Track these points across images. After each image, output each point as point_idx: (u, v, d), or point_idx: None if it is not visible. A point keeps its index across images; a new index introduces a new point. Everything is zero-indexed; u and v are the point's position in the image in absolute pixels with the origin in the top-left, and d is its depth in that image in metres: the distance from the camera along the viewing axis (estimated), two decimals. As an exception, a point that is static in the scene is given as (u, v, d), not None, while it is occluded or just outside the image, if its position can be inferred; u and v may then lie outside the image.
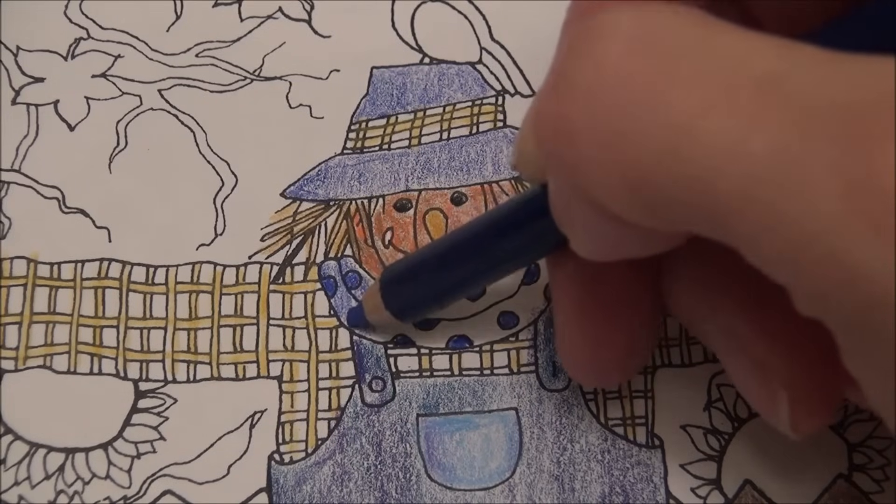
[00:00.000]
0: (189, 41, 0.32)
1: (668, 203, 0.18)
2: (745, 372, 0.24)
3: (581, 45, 0.19)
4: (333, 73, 0.32)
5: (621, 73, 0.18)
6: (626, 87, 0.18)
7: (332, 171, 0.31)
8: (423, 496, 0.27)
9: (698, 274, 0.24)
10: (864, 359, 0.17)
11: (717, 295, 0.24)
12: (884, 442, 0.27)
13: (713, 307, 0.24)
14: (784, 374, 0.23)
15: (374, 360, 0.29)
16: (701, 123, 0.17)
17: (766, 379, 0.23)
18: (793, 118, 0.16)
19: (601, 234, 0.21)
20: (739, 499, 0.27)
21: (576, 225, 0.22)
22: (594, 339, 0.25)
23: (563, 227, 0.22)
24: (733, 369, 0.24)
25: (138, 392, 0.28)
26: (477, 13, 0.32)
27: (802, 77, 0.17)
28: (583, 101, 0.19)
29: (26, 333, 0.29)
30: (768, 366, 0.23)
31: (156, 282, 0.29)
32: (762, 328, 0.23)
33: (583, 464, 0.27)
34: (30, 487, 0.27)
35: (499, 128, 0.31)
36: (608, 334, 0.25)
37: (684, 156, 0.17)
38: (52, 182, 0.30)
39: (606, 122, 0.18)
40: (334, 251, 0.30)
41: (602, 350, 0.25)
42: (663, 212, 0.18)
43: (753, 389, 0.24)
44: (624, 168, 0.18)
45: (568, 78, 0.19)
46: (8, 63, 0.32)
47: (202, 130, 0.31)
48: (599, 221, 0.20)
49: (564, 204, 0.21)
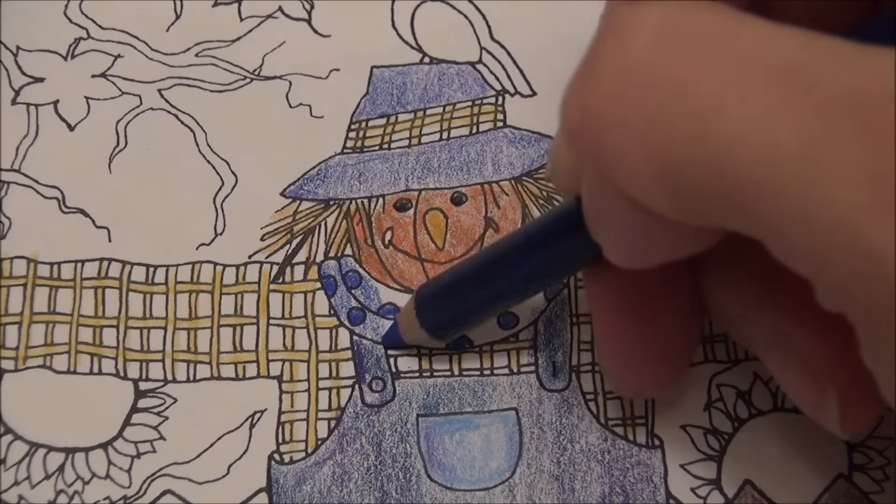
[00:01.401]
0: (189, 41, 0.32)
1: (695, 192, 0.18)
2: (791, 372, 0.24)
3: (608, 37, 0.19)
4: (333, 72, 0.32)
5: (649, 62, 0.18)
6: (653, 76, 0.18)
7: (332, 171, 0.31)
8: (423, 496, 0.27)
9: (740, 275, 0.24)
10: (882, 350, 0.17)
11: (761, 295, 0.24)
12: (884, 442, 0.27)
13: (757, 307, 0.24)
14: (833, 374, 0.23)
15: (374, 360, 0.29)
16: (726, 111, 0.17)
17: (814, 379, 0.23)
18: (818, 107, 0.16)
19: (633, 234, 0.21)
20: (739, 499, 0.27)
21: (609, 228, 0.22)
22: (633, 351, 0.25)
23: (596, 234, 0.22)
24: (778, 369, 0.24)
25: (138, 392, 0.28)
26: (477, 13, 0.32)
27: (828, 67, 0.17)
28: (611, 90, 0.19)
29: (26, 333, 0.29)
30: (817, 366, 0.23)
31: (156, 281, 0.29)
32: (809, 327, 0.23)
33: (583, 464, 0.27)
34: (30, 487, 0.27)
35: (499, 128, 0.31)
36: (647, 345, 0.25)
37: (710, 143, 0.17)
38: (52, 182, 0.30)
39: (634, 110, 0.18)
40: (334, 251, 0.30)
41: (642, 361, 0.25)
42: (691, 202, 0.18)
43: (801, 389, 0.24)
44: (652, 156, 0.18)
45: (595, 69, 0.19)
46: (8, 63, 0.32)
47: (202, 130, 0.31)
48: (631, 218, 0.20)
49: (597, 206, 0.21)
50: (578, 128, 0.20)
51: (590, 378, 0.28)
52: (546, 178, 0.25)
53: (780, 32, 0.18)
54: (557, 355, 0.29)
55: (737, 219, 0.18)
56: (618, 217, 0.21)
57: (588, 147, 0.20)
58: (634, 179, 0.19)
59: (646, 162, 0.18)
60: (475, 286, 0.26)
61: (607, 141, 0.19)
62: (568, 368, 0.28)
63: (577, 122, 0.20)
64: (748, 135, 0.17)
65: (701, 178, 0.18)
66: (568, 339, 0.29)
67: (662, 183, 0.18)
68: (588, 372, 0.28)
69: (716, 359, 0.28)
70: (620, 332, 0.25)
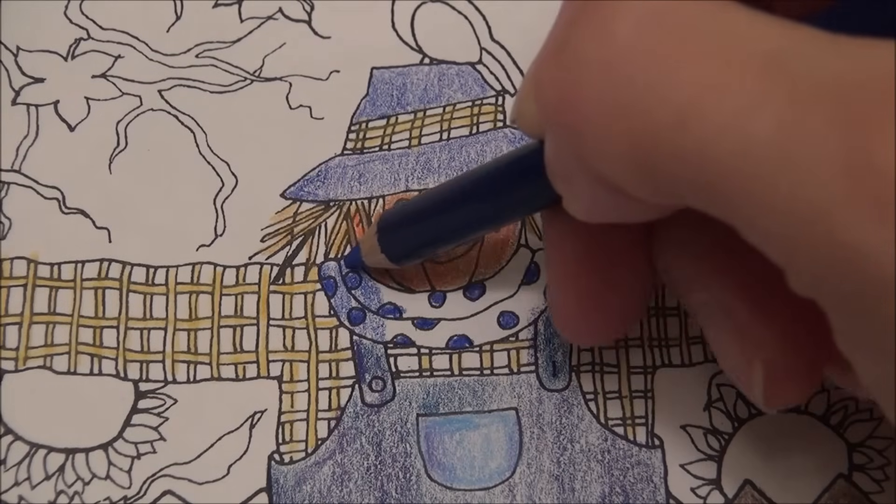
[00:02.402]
0: (189, 41, 0.32)
1: (668, 177, 0.18)
2: (726, 340, 0.24)
3: (591, 18, 0.19)
4: (333, 73, 0.32)
5: (631, 47, 0.18)
6: (635, 61, 0.18)
7: (333, 172, 0.31)
8: (423, 496, 0.27)
9: (690, 242, 0.24)
10: (860, 340, 0.18)
11: (708, 263, 0.24)
12: (884, 442, 0.28)
13: (702, 274, 0.24)
14: (763, 346, 0.23)
15: (374, 360, 0.29)
16: (707, 99, 0.17)
17: (745, 348, 0.23)
18: (795, 97, 0.17)
19: (597, 199, 0.21)
20: (739, 499, 0.27)
21: (572, 187, 0.22)
22: (586, 297, 0.25)
23: (558, 187, 0.22)
24: (714, 335, 0.24)
25: (138, 392, 0.28)
26: (477, 13, 0.32)
27: (806, 57, 0.17)
28: (591, 73, 0.19)
29: (26, 334, 0.29)
30: (749, 335, 0.23)
31: (156, 282, 0.29)
32: (749, 299, 0.23)
33: (583, 464, 0.27)
34: (30, 488, 0.27)
35: (499, 128, 0.31)
36: (600, 292, 0.25)
37: (690, 131, 0.17)
38: (52, 182, 0.30)
39: (614, 95, 0.18)
40: (334, 252, 0.30)
41: (593, 308, 0.25)
42: (664, 185, 0.18)
43: (732, 358, 0.24)
44: (629, 141, 0.18)
45: (576, 49, 0.19)
46: (8, 63, 0.32)
47: (202, 131, 0.31)
48: (597, 189, 0.20)
49: (562, 166, 0.21)
50: (554, 106, 0.20)
51: (590, 378, 0.28)
52: (510, 120, 0.25)
53: (763, 21, 0.18)
54: (557, 355, 0.29)
55: (709, 203, 0.18)
56: (581, 181, 0.21)
57: (562, 121, 0.20)
58: (607, 161, 0.19)
59: (620, 146, 0.19)
60: (435, 218, 0.27)
61: (583, 120, 0.19)
62: (568, 368, 0.28)
63: (553, 101, 0.20)
64: (727, 123, 0.17)
65: (677, 164, 0.18)
66: (568, 339, 0.29)
67: (636, 166, 0.19)
68: (588, 372, 0.28)
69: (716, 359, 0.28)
70: (572, 277, 0.25)
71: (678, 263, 0.25)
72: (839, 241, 0.16)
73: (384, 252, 0.28)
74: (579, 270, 0.25)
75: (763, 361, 0.23)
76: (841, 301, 0.17)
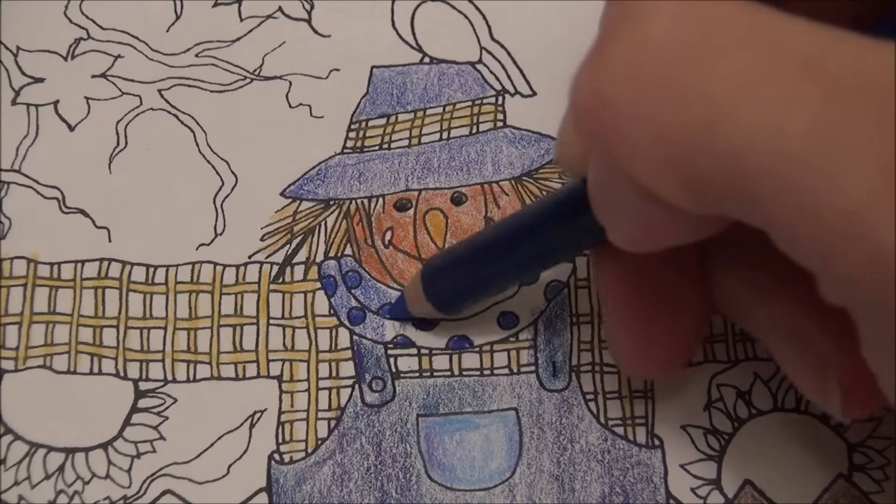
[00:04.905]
0: (189, 41, 0.32)
1: (703, 179, 0.18)
2: (796, 361, 0.24)
3: (623, 21, 0.19)
4: (333, 72, 0.32)
5: (664, 46, 0.18)
6: (668, 60, 0.18)
7: (332, 171, 0.31)
8: (423, 496, 0.27)
9: (748, 264, 0.24)
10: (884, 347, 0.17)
11: (769, 285, 0.24)
12: (884, 442, 0.28)
13: (764, 297, 0.24)
14: (836, 365, 0.23)
15: (374, 360, 0.29)
16: (740, 99, 0.17)
17: (818, 369, 0.23)
18: (831, 95, 0.16)
19: (638, 218, 0.21)
20: (739, 499, 0.27)
21: (614, 211, 0.21)
22: (643, 332, 0.25)
23: (602, 216, 0.22)
24: (783, 357, 0.24)
25: (138, 392, 0.28)
26: (477, 13, 0.32)
27: (842, 56, 0.17)
28: (622, 73, 0.19)
29: (26, 333, 0.29)
30: (821, 357, 0.23)
31: (156, 282, 0.29)
32: (814, 319, 0.23)
33: (583, 464, 0.27)
34: (30, 487, 0.27)
35: (499, 128, 0.31)
36: (655, 329, 0.25)
37: (722, 130, 0.17)
38: (52, 182, 0.30)
39: (647, 95, 0.18)
40: (334, 251, 0.30)
41: (651, 341, 0.25)
42: (698, 189, 0.18)
43: (805, 378, 0.24)
44: (663, 141, 0.18)
45: (608, 53, 0.19)
46: (8, 63, 0.32)
47: (202, 130, 0.31)
48: (637, 204, 0.20)
49: (602, 190, 0.21)
50: (587, 110, 0.19)
51: (590, 378, 0.28)
52: (554, 160, 0.25)
53: (798, 23, 0.18)
54: (557, 355, 0.29)
55: (744, 207, 0.18)
56: (623, 202, 0.21)
57: (596, 130, 0.19)
58: (642, 164, 0.19)
59: (655, 147, 0.18)
60: (480, 263, 0.27)
61: (616, 124, 0.19)
62: (568, 368, 0.28)
63: (587, 105, 0.19)
64: (762, 122, 0.17)
65: (710, 165, 0.18)
66: (568, 338, 0.29)
67: (671, 169, 0.18)
68: (588, 372, 0.28)
69: (716, 359, 0.28)
70: (626, 315, 0.25)
71: (736, 287, 0.25)
72: (875, 240, 0.16)
73: (430, 301, 0.28)
74: (633, 306, 0.25)
75: (837, 379, 0.23)
76: (873, 305, 0.17)
